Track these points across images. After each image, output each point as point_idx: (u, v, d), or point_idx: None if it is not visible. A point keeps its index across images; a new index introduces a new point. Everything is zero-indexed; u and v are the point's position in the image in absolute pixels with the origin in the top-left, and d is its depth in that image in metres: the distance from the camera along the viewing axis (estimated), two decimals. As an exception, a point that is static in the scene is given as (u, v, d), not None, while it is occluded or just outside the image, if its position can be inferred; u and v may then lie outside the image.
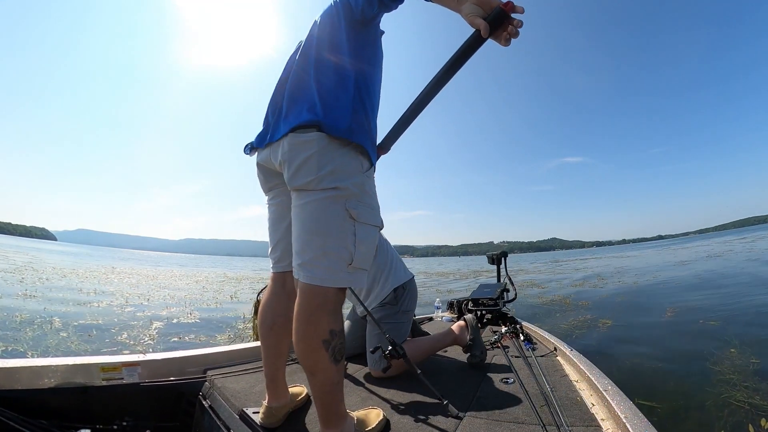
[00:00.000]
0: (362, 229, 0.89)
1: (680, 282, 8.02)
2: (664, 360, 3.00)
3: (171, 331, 4.40)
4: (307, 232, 0.86)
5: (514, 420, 1.09)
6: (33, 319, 4.46)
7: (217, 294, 8.88)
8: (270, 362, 1.06)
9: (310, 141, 0.85)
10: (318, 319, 0.85)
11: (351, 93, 0.90)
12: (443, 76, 0.88)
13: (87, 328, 4.21)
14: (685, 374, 2.69)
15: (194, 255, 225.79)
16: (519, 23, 0.75)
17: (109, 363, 1.26)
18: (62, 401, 1.14)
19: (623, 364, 2.97)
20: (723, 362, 2.79)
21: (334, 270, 0.85)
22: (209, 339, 4.15)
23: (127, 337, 4.00)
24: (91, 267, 16.32)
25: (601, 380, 1.23)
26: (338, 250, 0.85)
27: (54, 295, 6.60)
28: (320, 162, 0.85)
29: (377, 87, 0.99)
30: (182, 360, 1.43)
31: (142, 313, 5.49)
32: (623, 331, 4.09)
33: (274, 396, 1.08)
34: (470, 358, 1.70)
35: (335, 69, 0.91)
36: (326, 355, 0.85)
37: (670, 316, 4.67)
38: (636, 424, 0.90)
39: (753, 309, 4.57)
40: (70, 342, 3.57)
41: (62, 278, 9.94)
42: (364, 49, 0.95)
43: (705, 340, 3.47)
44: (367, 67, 0.95)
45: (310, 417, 1.13)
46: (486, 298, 2.63)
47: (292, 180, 0.88)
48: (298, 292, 0.88)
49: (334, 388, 0.89)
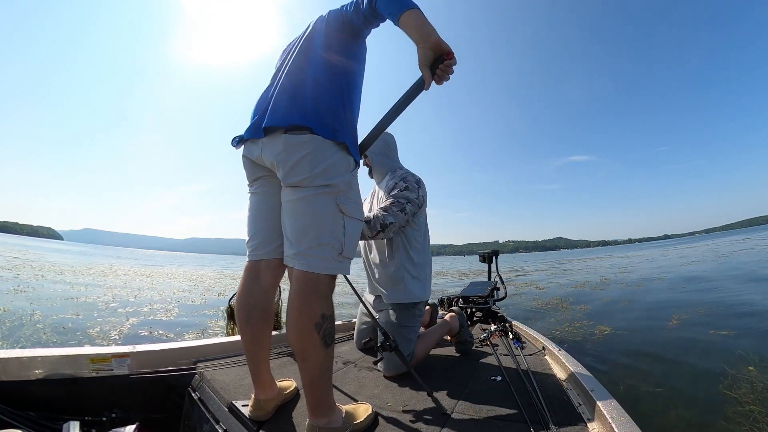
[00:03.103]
0: (350, 223, 0.98)
1: (687, 284, 7.54)
2: (667, 381, 2.52)
3: (143, 327, 4.45)
4: (303, 225, 0.94)
5: (502, 418, 1.09)
6: (15, 311, 4.56)
7: (206, 292, 8.89)
8: (252, 355, 1.08)
9: (304, 142, 0.92)
10: (311, 304, 0.91)
11: (339, 96, 0.99)
12: (389, 117, 1.02)
13: (63, 322, 4.28)
14: (691, 402, 2.21)
15: (199, 254, 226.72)
16: (448, 69, 0.90)
17: (99, 354, 1.25)
18: (51, 392, 1.14)
19: (617, 385, 2.48)
20: (739, 385, 2.29)
21: (327, 259, 0.94)
22: (177, 336, 4.16)
23: (99, 331, 4.06)
24: (89, 265, 16.36)
25: (587, 380, 1.24)
26: (331, 240, 0.94)
27: (44, 291, 6.66)
28: (313, 161, 0.92)
29: (359, 92, 1.08)
30: (172, 352, 1.43)
31: (124, 309, 5.53)
32: (621, 342, 3.65)
33: (261, 389, 1.09)
34: (459, 345, 1.80)
35: (328, 73, 1.00)
36: (318, 337, 0.90)
37: (676, 323, 4.23)
38: (622, 424, 0.91)
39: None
40: (42, 333, 3.64)
41: (58, 275, 9.96)
42: (353, 57, 1.06)
43: (716, 355, 2.95)
44: (353, 72, 1.06)
45: (298, 410, 1.14)
46: (476, 296, 2.67)
47: (287, 177, 0.95)
48: (293, 279, 0.95)
49: (323, 374, 0.93)
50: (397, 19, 0.92)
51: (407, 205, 1.61)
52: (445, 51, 0.88)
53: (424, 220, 1.79)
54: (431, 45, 0.87)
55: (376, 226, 1.56)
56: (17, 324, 4.00)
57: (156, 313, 5.49)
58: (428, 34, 0.88)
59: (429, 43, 0.88)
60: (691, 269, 10.85)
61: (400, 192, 1.64)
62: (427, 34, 0.88)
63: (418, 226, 1.72)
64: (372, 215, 1.59)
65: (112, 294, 7.21)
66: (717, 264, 11.72)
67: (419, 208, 1.68)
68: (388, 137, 1.84)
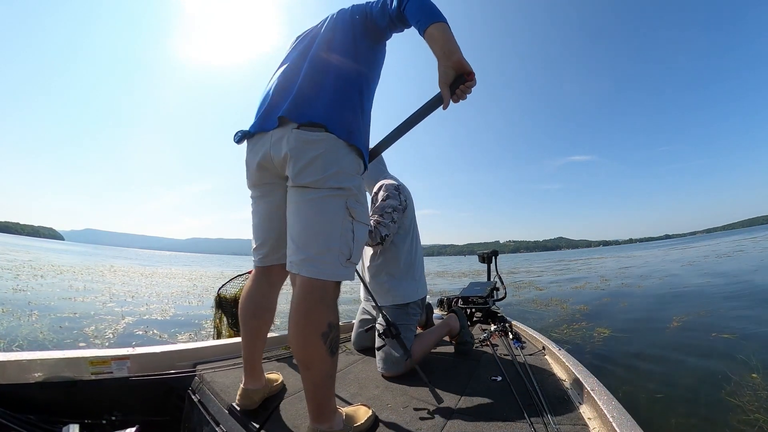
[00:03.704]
0: (359, 228, 0.95)
1: (688, 285, 7.38)
2: (666, 387, 2.43)
3: (139, 327, 4.45)
4: (312, 228, 0.89)
5: (502, 418, 1.09)
6: (14, 311, 4.58)
7: (205, 292, 8.85)
8: (249, 344, 1.09)
9: (318, 141, 0.88)
10: (318, 313, 0.88)
11: (356, 97, 0.96)
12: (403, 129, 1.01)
13: (60, 321, 4.30)
14: (693, 408, 2.11)
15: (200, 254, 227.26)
16: (467, 89, 0.88)
17: (98, 357, 1.24)
18: (50, 396, 1.13)
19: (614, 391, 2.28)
20: (742, 392, 2.18)
21: (335, 265, 0.90)
22: (170, 337, 4.16)
23: (95, 330, 4.06)
24: (90, 265, 16.30)
25: (588, 379, 1.23)
26: (340, 246, 0.90)
27: (43, 291, 6.66)
28: (326, 162, 0.88)
29: (373, 94, 1.06)
30: (172, 354, 1.43)
31: (120, 309, 5.53)
32: (621, 344, 3.56)
33: (250, 379, 1.12)
34: (460, 345, 1.81)
35: (349, 72, 0.96)
36: (324, 347, 0.87)
37: (677, 325, 4.09)
38: (623, 423, 0.91)
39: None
40: (39, 332, 3.65)
41: (57, 275, 9.94)
42: (372, 59, 1.03)
43: (718, 359, 2.85)
44: (370, 74, 1.02)
45: (299, 413, 1.13)
46: (476, 296, 2.66)
47: (298, 177, 0.89)
48: (297, 286, 0.91)
49: (327, 381, 0.91)
50: (423, 29, 0.88)
51: (393, 213, 1.68)
52: (466, 71, 0.86)
53: (410, 221, 1.82)
54: (453, 63, 0.85)
55: (376, 239, 1.65)
56: (15, 324, 4.00)
57: (152, 313, 5.49)
58: (452, 52, 0.85)
59: (451, 61, 0.85)
60: (693, 270, 10.74)
61: (383, 202, 1.71)
62: (450, 51, 0.85)
63: (402, 228, 1.76)
64: (371, 227, 1.63)
65: (109, 294, 7.21)
66: (718, 264, 11.55)
67: (404, 211, 1.74)
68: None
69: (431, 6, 0.89)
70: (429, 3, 0.90)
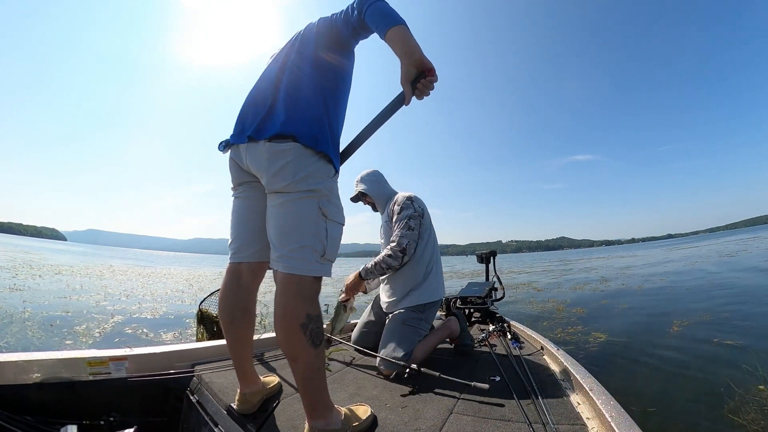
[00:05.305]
0: (332, 226, 1.00)
1: (690, 286, 7.17)
2: (662, 401, 2.21)
3: (128, 325, 4.44)
4: (286, 228, 0.95)
5: (501, 418, 1.09)
6: (7, 309, 4.62)
7: (199, 291, 8.83)
8: (236, 354, 1.12)
9: (287, 150, 0.94)
10: (295, 305, 0.93)
11: (322, 106, 1.01)
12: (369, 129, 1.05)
13: (52, 319, 4.31)
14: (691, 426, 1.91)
15: (202, 254, 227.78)
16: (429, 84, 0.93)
17: (96, 357, 1.24)
18: (48, 396, 1.12)
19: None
20: (747, 408, 1.93)
21: (309, 261, 0.95)
22: (155, 336, 4.15)
23: (85, 328, 4.06)
24: (89, 265, 16.35)
25: (586, 379, 1.23)
26: (313, 243, 0.96)
27: (39, 289, 6.69)
28: (296, 168, 0.94)
29: (345, 102, 1.11)
30: (170, 355, 1.43)
31: (113, 308, 5.54)
32: (617, 350, 3.33)
33: (246, 383, 1.14)
34: (460, 347, 1.83)
35: (314, 82, 1.02)
36: (304, 338, 0.91)
37: (677, 330, 3.89)
38: (621, 423, 0.91)
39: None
40: (30, 330, 3.68)
41: (55, 275, 9.96)
42: (338, 68, 1.08)
43: (721, 368, 2.62)
44: (337, 83, 1.07)
45: (298, 412, 1.12)
46: (474, 297, 2.66)
47: (271, 184, 0.97)
48: (277, 282, 0.96)
49: (316, 374, 0.94)
50: (384, 33, 0.94)
51: (410, 221, 1.76)
52: (426, 68, 0.91)
53: (427, 227, 1.88)
54: (414, 61, 0.91)
55: (398, 255, 1.72)
56: (6, 321, 3.96)
57: (143, 312, 5.49)
58: (412, 51, 0.91)
59: (412, 60, 0.91)
60: (695, 270, 10.52)
61: (398, 216, 1.80)
62: (410, 50, 0.91)
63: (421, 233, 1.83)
64: (389, 251, 1.72)
65: (104, 293, 7.22)
66: (721, 265, 11.33)
67: (422, 217, 1.81)
68: (374, 175, 1.99)
69: (390, 11, 0.95)
70: (388, 8, 0.96)
